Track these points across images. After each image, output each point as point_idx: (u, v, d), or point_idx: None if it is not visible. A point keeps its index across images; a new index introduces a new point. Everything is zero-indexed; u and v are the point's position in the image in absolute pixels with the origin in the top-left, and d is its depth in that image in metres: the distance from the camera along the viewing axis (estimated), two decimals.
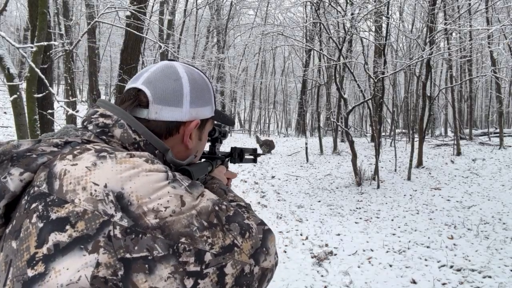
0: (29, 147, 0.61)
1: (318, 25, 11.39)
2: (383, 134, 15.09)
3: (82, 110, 15.43)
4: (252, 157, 1.26)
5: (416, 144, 9.67)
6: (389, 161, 10.63)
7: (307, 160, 11.52)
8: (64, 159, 0.58)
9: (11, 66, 4.22)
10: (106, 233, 0.51)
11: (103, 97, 22.12)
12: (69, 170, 0.56)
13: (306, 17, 16.45)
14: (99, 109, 0.70)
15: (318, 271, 4.13)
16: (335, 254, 4.58)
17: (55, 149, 0.61)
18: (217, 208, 0.61)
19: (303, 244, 4.96)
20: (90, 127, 0.68)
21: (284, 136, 22.11)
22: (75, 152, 0.59)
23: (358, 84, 9.33)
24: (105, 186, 0.54)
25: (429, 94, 9.83)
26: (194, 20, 18.58)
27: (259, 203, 7.10)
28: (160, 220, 0.53)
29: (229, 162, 1.13)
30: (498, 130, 13.08)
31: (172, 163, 0.74)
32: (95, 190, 0.53)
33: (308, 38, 14.30)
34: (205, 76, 0.81)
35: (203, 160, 0.96)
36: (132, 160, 0.58)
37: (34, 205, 0.54)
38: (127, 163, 0.57)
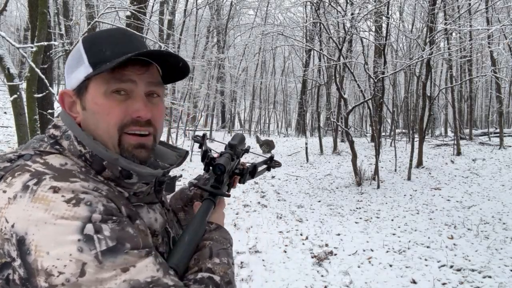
0: None
1: (318, 25, 11.39)
2: (383, 134, 15.09)
3: None
4: (265, 166, 1.09)
5: (416, 144, 9.66)
6: (389, 161, 10.63)
7: (307, 160, 11.51)
8: (4, 181, 0.56)
9: (11, 66, 4.22)
10: (5, 275, 0.49)
11: None
12: None
13: (306, 17, 16.45)
14: (57, 118, 0.68)
15: (318, 271, 4.13)
16: (335, 254, 4.58)
17: (8, 164, 0.60)
18: None
19: (303, 244, 4.95)
20: (45, 138, 0.66)
21: (284, 136, 22.11)
22: (15, 174, 0.56)
23: (358, 84, 9.33)
24: (13, 226, 0.50)
25: (429, 94, 9.82)
26: (194, 20, 18.57)
27: (259, 203, 7.10)
28: (49, 286, 0.47)
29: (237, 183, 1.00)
30: (498, 130, 13.07)
31: (132, 171, 0.65)
32: (5, 227, 0.51)
33: (308, 38, 14.30)
34: (87, 37, 0.69)
35: (204, 197, 0.84)
36: (49, 199, 0.51)
37: None
38: (41, 203, 0.51)
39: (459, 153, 10.62)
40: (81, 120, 0.67)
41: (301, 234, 5.35)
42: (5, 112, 15.03)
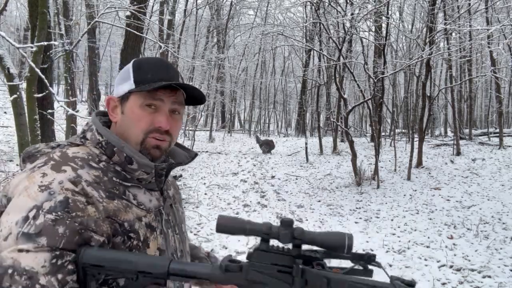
0: (38, 147, 0.81)
1: (318, 25, 11.39)
2: (383, 134, 15.08)
3: (82, 110, 15.42)
4: None
5: (416, 144, 9.67)
6: (389, 161, 10.63)
7: (307, 160, 11.52)
8: (38, 160, 0.78)
9: (11, 66, 4.23)
10: None
11: (103, 97, 22.11)
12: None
13: (306, 17, 16.44)
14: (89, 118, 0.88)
15: None
16: None
17: (49, 150, 0.80)
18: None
19: None
20: (80, 134, 0.85)
21: (284, 136, 22.10)
22: (41, 157, 0.77)
23: (358, 84, 9.34)
24: (9, 187, 0.71)
25: (429, 94, 9.83)
26: (194, 20, 18.59)
27: (259, 203, 7.11)
28: None
29: None
30: (497, 130, 13.07)
31: (133, 158, 0.80)
32: (7, 187, 0.72)
33: (308, 38, 14.29)
34: (136, 61, 0.88)
35: None
36: (34, 180, 0.68)
37: None
38: (29, 181, 0.69)
39: (458, 153, 10.63)
40: (118, 120, 0.86)
41: None
42: (5, 112, 15.02)
